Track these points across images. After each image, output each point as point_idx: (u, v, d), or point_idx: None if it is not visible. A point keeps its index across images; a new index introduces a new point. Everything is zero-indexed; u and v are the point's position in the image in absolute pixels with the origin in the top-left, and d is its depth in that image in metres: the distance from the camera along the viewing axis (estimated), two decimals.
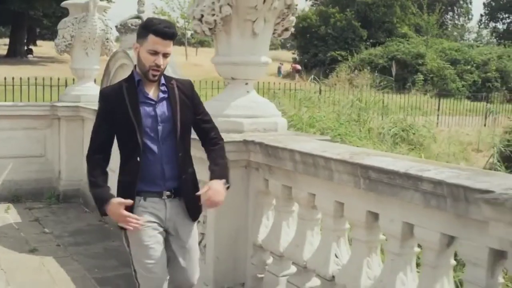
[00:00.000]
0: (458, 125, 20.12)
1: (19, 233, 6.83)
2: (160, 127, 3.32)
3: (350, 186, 3.35)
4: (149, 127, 3.31)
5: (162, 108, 3.36)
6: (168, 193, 3.38)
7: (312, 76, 19.87)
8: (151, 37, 3.22)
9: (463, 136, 17.51)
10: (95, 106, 6.72)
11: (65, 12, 9.25)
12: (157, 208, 3.36)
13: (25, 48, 44.21)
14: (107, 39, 8.70)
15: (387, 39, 39.41)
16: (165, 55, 3.27)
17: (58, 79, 12.34)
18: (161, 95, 3.37)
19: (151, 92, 3.36)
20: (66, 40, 8.60)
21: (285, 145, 3.93)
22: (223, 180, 3.39)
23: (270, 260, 4.33)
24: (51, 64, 36.07)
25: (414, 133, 13.63)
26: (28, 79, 11.77)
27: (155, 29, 3.22)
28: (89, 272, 5.52)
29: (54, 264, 5.75)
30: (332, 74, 32.42)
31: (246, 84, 4.63)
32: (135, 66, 3.41)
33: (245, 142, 4.24)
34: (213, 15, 4.38)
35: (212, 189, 3.32)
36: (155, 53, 3.23)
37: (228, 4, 4.32)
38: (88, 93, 8.56)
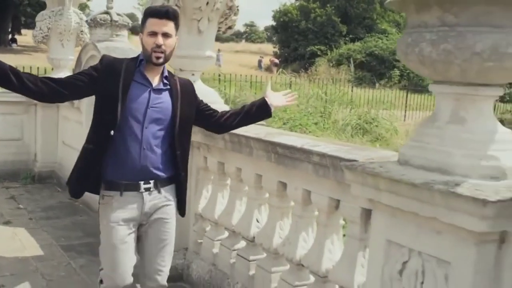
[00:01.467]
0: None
1: None
2: (149, 111, 3.28)
3: (265, 160, 4.04)
4: (137, 107, 3.26)
5: (160, 97, 3.35)
6: (146, 185, 3.33)
7: (280, 70, 20.49)
8: (149, 20, 3.27)
9: None
10: None
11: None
12: (133, 202, 3.32)
13: (9, 37, 44.45)
14: (82, 31, 9.30)
15: (367, 34, 40.20)
16: (165, 35, 3.27)
17: (38, 68, 12.92)
18: (162, 85, 3.38)
19: (152, 78, 3.36)
20: (43, 32, 9.20)
21: None
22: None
23: (208, 227, 5.02)
24: (34, 53, 36.45)
25: (376, 126, 14.36)
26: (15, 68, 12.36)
27: (151, 11, 3.31)
28: (56, 241, 6.16)
29: (25, 234, 6.38)
30: (311, 68, 33.21)
31: (193, 75, 5.27)
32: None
33: None
34: None
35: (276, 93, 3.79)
36: (154, 33, 3.24)
37: (176, 5, 4.97)
38: None
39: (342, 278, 3.45)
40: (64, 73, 9.40)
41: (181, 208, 3.61)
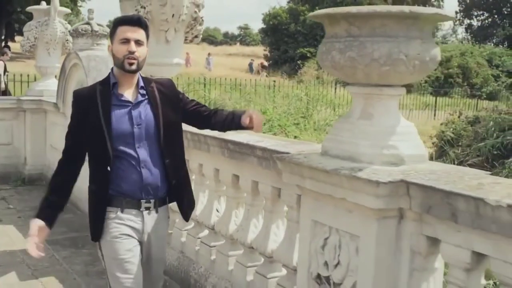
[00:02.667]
0: (409, 119, 21.36)
1: None
2: (136, 130, 3.22)
3: (220, 156, 4.56)
4: (123, 131, 3.20)
5: (140, 110, 3.26)
6: (147, 204, 3.29)
7: (265, 73, 21.00)
8: (119, 29, 3.20)
9: None
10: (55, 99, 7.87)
11: None
12: (135, 220, 3.28)
13: (3, 44, 44.86)
14: (67, 40, 9.80)
15: None
16: (137, 43, 3.19)
17: (28, 75, 13.46)
18: (140, 97, 3.29)
19: (128, 94, 3.28)
20: (30, 41, 9.72)
21: None
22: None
23: (177, 220, 5.52)
24: (27, 60, 36.67)
25: None
26: (7, 75, 12.96)
27: (121, 19, 3.27)
28: None
29: (14, 231, 6.88)
30: (300, 70, 33.79)
31: None
32: (112, 69, 3.33)
33: None
34: None
35: (255, 113, 3.50)
36: (126, 41, 3.16)
37: (145, 17, 5.48)
38: (50, 88, 9.65)
39: (283, 257, 3.96)
40: (51, 80, 9.93)
41: (186, 213, 3.64)
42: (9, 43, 46.52)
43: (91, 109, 3.20)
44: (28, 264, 5.71)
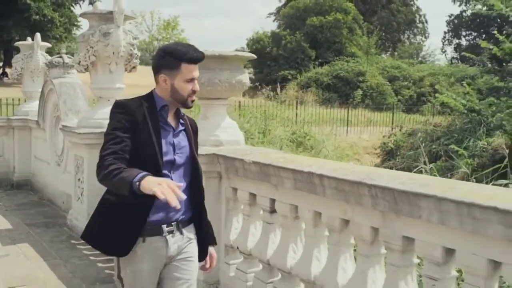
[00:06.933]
0: (368, 134, 23.48)
1: None
2: (176, 157, 3.18)
3: None
4: (167, 154, 3.13)
5: (179, 139, 3.25)
6: (168, 228, 3.17)
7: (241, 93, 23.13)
8: (185, 66, 3.10)
9: (363, 142, 21.02)
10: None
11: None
12: (158, 247, 3.15)
13: (1, 71, 46.93)
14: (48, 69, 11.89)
15: (336, 58, 43.02)
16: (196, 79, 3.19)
17: (19, 99, 15.60)
18: (180, 126, 3.28)
19: (171, 120, 3.23)
20: (17, 71, 11.80)
21: None
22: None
23: None
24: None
25: (309, 139, 16.96)
26: (0, 100, 15.29)
27: (190, 57, 3.11)
28: (23, 221, 8.66)
29: (1, 218, 8.88)
30: (282, 92, 35.99)
31: (109, 100, 7.83)
32: (155, 91, 3.22)
33: (102, 133, 7.44)
34: (86, 61, 7.63)
35: (214, 257, 3.57)
36: (191, 80, 3.14)
37: (93, 55, 7.56)
38: (34, 109, 11.60)
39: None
40: (35, 102, 11.96)
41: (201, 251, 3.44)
42: (7, 70, 48.65)
43: (141, 123, 3.07)
44: (9, 237, 7.71)
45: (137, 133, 3.05)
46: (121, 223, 3.08)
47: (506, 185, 7.72)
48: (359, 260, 3.70)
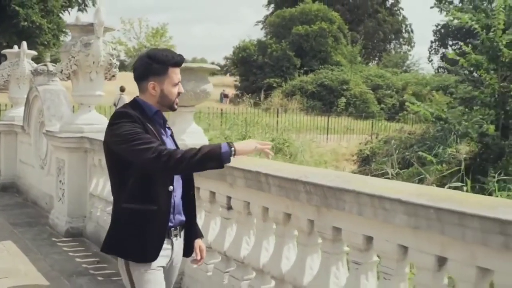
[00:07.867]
0: (347, 141, 24.06)
1: None
2: None
3: None
4: None
5: (171, 143, 3.32)
6: (175, 232, 3.30)
7: (227, 100, 23.63)
8: (172, 70, 3.19)
9: (341, 149, 21.62)
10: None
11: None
12: (165, 248, 3.26)
13: None
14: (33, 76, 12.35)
15: (321, 66, 43.72)
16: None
17: (6, 105, 16.07)
18: (168, 130, 3.38)
19: (162, 126, 3.32)
20: (4, 78, 12.26)
21: (98, 136, 7.64)
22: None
23: (96, 201, 8.02)
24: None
25: (288, 146, 17.52)
26: None
27: (175, 61, 3.19)
28: (7, 220, 9.12)
29: None
30: (267, 99, 36.67)
31: (89, 107, 8.33)
32: (138, 98, 3.27)
33: (82, 137, 7.94)
34: (68, 69, 8.12)
35: (204, 249, 3.65)
36: (177, 83, 3.24)
37: (75, 64, 8.06)
38: (20, 115, 12.08)
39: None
40: (21, 108, 12.41)
41: (187, 247, 3.57)
42: None
43: (145, 129, 3.10)
44: None
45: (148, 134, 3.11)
46: (147, 229, 3.15)
47: (456, 188, 8.28)
48: (299, 249, 4.27)
